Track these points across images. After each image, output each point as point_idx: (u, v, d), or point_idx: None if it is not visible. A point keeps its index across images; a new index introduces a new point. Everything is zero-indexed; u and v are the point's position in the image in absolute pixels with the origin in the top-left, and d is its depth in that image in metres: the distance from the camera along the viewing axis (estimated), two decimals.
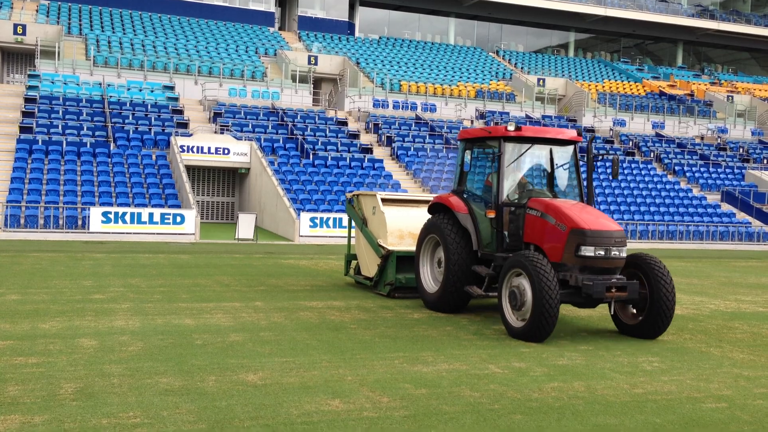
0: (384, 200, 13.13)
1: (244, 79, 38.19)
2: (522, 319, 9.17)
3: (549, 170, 10.95)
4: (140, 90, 34.86)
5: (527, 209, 9.92)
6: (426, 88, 42.01)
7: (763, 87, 55.10)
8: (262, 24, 47.01)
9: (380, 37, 50.81)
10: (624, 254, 9.43)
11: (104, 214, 23.57)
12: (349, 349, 8.33)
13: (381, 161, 32.10)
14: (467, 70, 47.29)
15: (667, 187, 36.34)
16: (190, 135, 30.69)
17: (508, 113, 41.69)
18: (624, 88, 49.89)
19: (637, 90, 50.13)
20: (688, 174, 38.45)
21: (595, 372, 7.74)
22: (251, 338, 8.74)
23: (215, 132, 31.94)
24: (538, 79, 46.54)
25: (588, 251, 9.18)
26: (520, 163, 10.57)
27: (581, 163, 11.02)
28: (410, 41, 51.44)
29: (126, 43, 39.03)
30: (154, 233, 23.80)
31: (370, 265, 13.13)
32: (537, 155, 10.80)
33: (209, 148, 29.46)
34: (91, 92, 33.56)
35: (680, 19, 55.23)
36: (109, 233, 23.40)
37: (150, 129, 30.79)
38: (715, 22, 56.07)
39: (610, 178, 33.77)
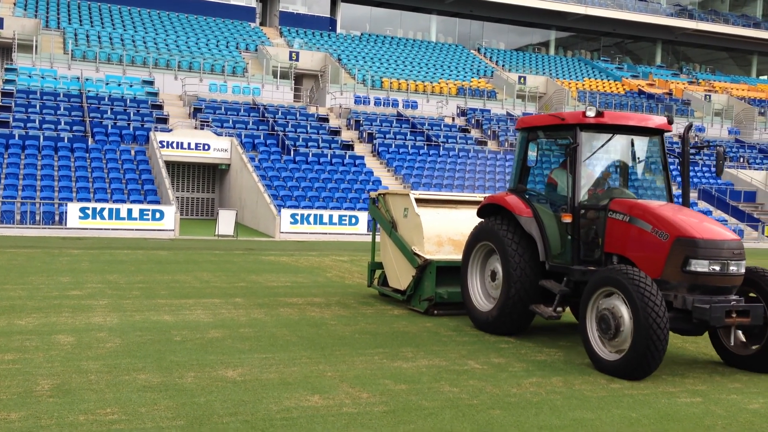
0: (417, 200, 11.31)
1: (225, 74, 37.98)
2: (617, 350, 7.48)
3: (631, 165, 9.24)
4: (119, 85, 34.54)
5: (609, 212, 8.21)
6: (407, 85, 42.03)
7: (740, 86, 55.75)
8: (243, 19, 46.76)
9: (362, 34, 50.75)
10: (743, 270, 7.65)
11: (82, 209, 23.34)
12: (329, 345, 8.33)
13: (362, 158, 32.08)
14: (449, 67, 47.37)
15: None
16: (170, 130, 30.47)
17: (489, 110, 41.83)
18: (604, 87, 50.25)
19: (617, 88, 50.52)
20: None
21: (573, 367, 7.80)
22: (231, 334, 8.71)
23: (195, 128, 31.74)
24: (519, 77, 46.74)
25: (700, 266, 7.40)
26: (598, 157, 8.86)
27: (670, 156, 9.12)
28: (392, 38, 51.43)
29: (105, 37, 38.65)
30: (132, 229, 23.62)
31: (400, 276, 11.32)
32: (617, 147, 9.01)
33: (189, 144, 29.27)
34: (69, 87, 33.20)
35: (659, 19, 55.70)
36: (86, 229, 23.17)
37: (129, 124, 30.53)
38: (694, 21, 56.61)
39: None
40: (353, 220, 26.47)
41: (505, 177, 32.78)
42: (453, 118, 39.96)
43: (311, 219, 25.89)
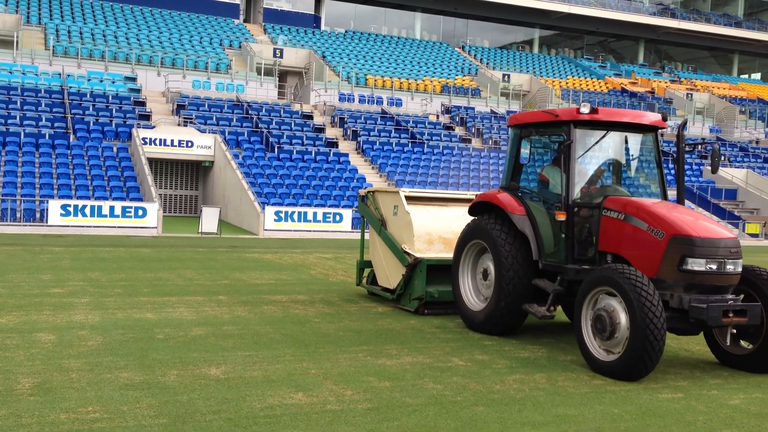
0: (407, 198, 11.19)
1: (208, 71, 37.77)
2: (614, 351, 7.35)
3: (625, 162, 9.09)
4: (101, 81, 34.25)
5: (603, 210, 8.08)
6: (392, 82, 42.01)
7: (721, 85, 56.25)
8: (226, 15, 46.52)
9: (346, 31, 50.67)
10: (740, 269, 7.56)
11: (63, 207, 23.13)
12: (313, 343, 8.31)
13: (347, 155, 32.04)
14: (433, 64, 47.42)
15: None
16: (153, 127, 30.27)
17: (473, 108, 41.92)
18: (587, 85, 50.52)
19: (600, 87, 50.80)
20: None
21: (557, 364, 7.84)
22: (214, 332, 8.67)
23: (178, 124, 31.54)
24: (503, 75, 46.87)
25: (697, 265, 7.29)
26: (592, 154, 8.72)
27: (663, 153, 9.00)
28: (376, 35, 51.38)
29: (86, 33, 38.30)
30: (114, 227, 23.43)
31: (390, 275, 11.19)
32: (611, 144, 8.87)
33: (172, 141, 29.08)
34: (51, 83, 32.88)
35: (642, 18, 56.07)
36: (68, 226, 22.96)
37: (111, 121, 30.28)
38: (676, 20, 57.04)
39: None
40: (337, 218, 26.43)
41: (489, 174, 32.88)
42: (437, 116, 40.01)
43: (295, 216, 25.81)
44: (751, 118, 50.01)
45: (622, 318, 7.17)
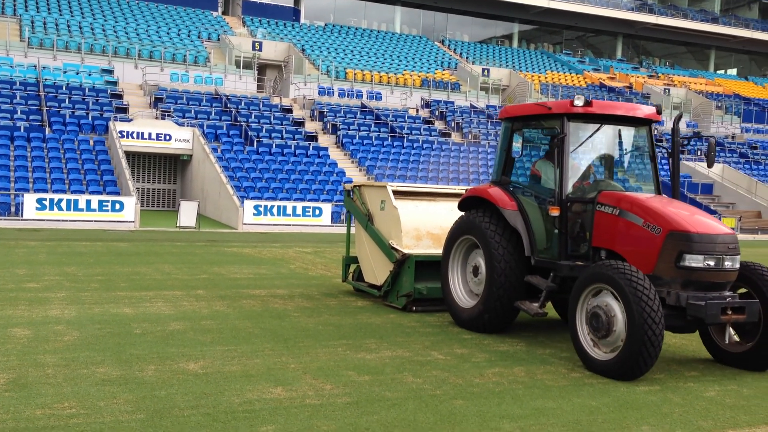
0: (395, 192, 10.97)
1: (187, 63, 37.45)
2: (610, 349, 7.18)
3: (618, 156, 8.94)
4: (77, 73, 33.82)
5: (597, 205, 7.89)
6: (372, 76, 41.94)
7: (698, 80, 56.82)
8: (204, 8, 46.13)
9: (326, 24, 50.47)
10: (738, 265, 7.42)
11: (39, 200, 22.85)
12: (292, 337, 8.29)
13: (326, 149, 31.96)
14: (413, 58, 47.39)
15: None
16: (130, 120, 29.97)
17: (453, 102, 41.98)
18: (566, 80, 50.79)
19: (579, 82, 51.09)
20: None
21: (535, 357, 7.89)
22: (192, 327, 8.61)
23: (156, 118, 31.26)
24: (483, 69, 46.98)
25: (694, 261, 7.13)
26: (586, 148, 8.54)
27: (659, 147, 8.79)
28: (356, 29, 51.24)
29: (62, 25, 37.79)
30: (91, 221, 23.20)
31: (377, 271, 10.96)
32: (604, 137, 8.69)
33: (150, 134, 28.82)
34: (26, 75, 32.41)
35: (620, 13, 56.43)
36: (44, 220, 22.70)
37: (87, 113, 29.94)
38: (654, 16, 57.48)
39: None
40: (317, 212, 26.37)
41: (468, 169, 32.96)
42: (417, 110, 40.02)
43: (274, 210, 25.72)
44: (727, 114, 50.59)
45: (619, 316, 7.00)
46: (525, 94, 45.61)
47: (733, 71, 66.15)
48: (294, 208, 26.05)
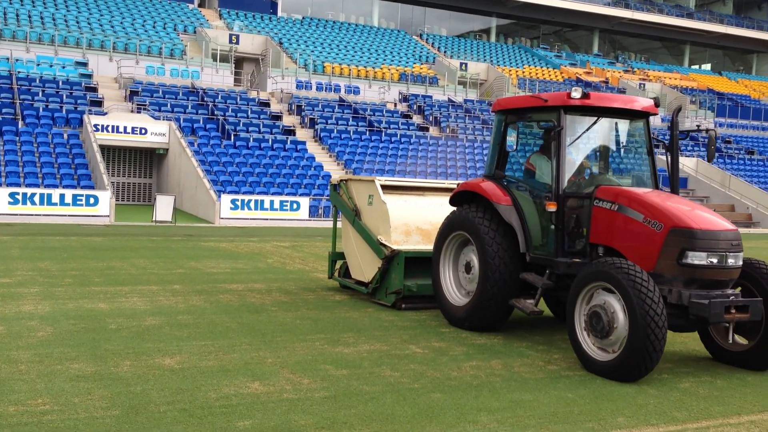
0: (383, 187, 10.68)
1: (162, 56, 37.06)
2: (611, 350, 6.97)
3: (615, 149, 8.75)
4: (51, 66, 33.34)
5: (595, 200, 7.68)
6: (350, 70, 41.82)
7: (673, 75, 57.39)
8: (181, 0, 45.66)
9: (303, 18, 50.20)
10: (741, 262, 7.22)
11: (11, 195, 22.51)
12: (270, 332, 8.25)
13: (304, 143, 31.83)
14: (391, 52, 47.32)
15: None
16: (105, 114, 29.62)
17: (431, 96, 42.00)
18: (543, 74, 51.02)
19: (556, 76, 51.36)
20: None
21: (513, 350, 7.93)
22: (168, 322, 8.54)
23: (131, 111, 30.91)
24: (461, 64, 47.03)
25: (697, 258, 6.92)
26: (582, 141, 8.32)
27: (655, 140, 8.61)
28: (334, 22, 51.03)
29: (35, 16, 37.20)
30: (65, 215, 22.91)
31: (364, 267, 10.70)
32: (600, 130, 8.47)
33: (125, 128, 28.50)
34: None
35: (596, 8, 56.77)
36: (16, 215, 22.37)
37: (61, 107, 29.53)
38: (630, 11, 57.90)
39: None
40: (294, 206, 26.28)
41: (446, 163, 33.02)
42: (395, 104, 39.98)
43: (252, 205, 25.58)
44: (701, 108, 51.15)
45: (620, 315, 6.78)
46: (502, 89, 45.75)
47: (708, 66, 66.89)
48: (272, 202, 25.93)
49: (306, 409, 5.67)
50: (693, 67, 65.31)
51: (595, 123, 8.20)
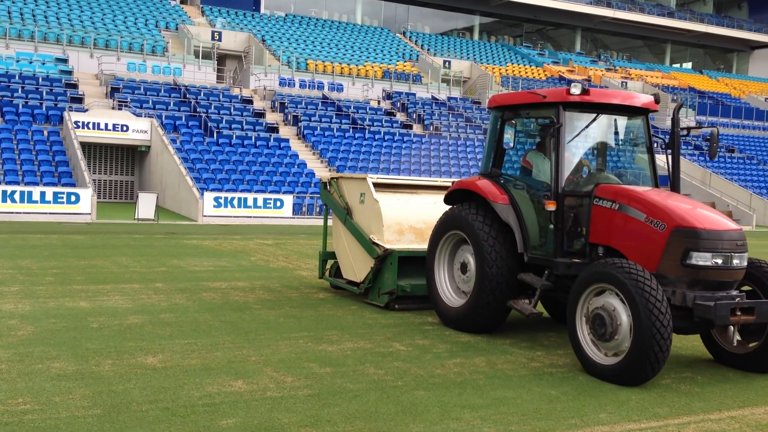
0: (375, 185, 10.46)
1: (144, 53, 36.78)
2: (614, 353, 6.78)
3: (614, 147, 8.57)
4: (30, 62, 32.98)
5: (595, 199, 7.48)
6: (333, 67, 41.73)
7: (654, 74, 57.81)
8: None
9: (286, 15, 50.02)
10: (746, 263, 7.04)
11: None
12: (253, 330, 8.22)
13: (287, 141, 31.73)
14: (374, 50, 47.29)
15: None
16: (86, 110, 29.36)
17: (414, 94, 42.02)
18: (526, 72, 51.21)
19: (539, 74, 51.57)
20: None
21: (496, 347, 7.95)
22: (151, 320, 8.48)
23: (113, 108, 30.66)
24: (444, 61, 47.10)
25: (702, 259, 6.73)
26: (581, 138, 8.09)
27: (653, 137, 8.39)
28: (317, 20, 50.90)
29: (15, 12, 36.78)
30: (46, 213, 22.69)
31: (356, 267, 10.48)
32: (599, 127, 8.25)
33: (106, 125, 28.27)
34: None
35: (579, 6, 57.06)
36: None
37: (41, 103, 29.24)
38: (611, 10, 58.25)
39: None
40: (278, 204, 26.20)
41: (430, 161, 33.05)
42: (378, 102, 39.97)
43: (235, 202, 25.48)
44: (682, 107, 51.58)
45: (624, 318, 6.59)
46: (486, 87, 45.88)
47: (689, 65, 67.48)
48: (255, 200, 25.84)
49: (289, 407, 5.66)
50: (674, 65, 65.86)
51: (594, 120, 8.00)
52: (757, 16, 65.48)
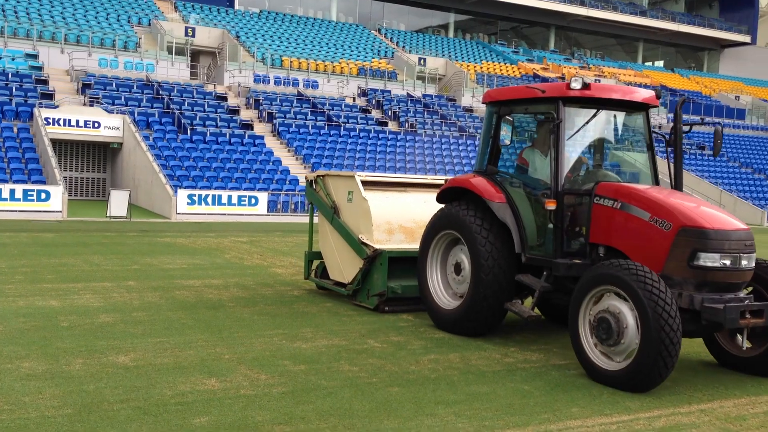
0: (363, 183, 10.12)
1: (116, 49, 36.34)
2: (619, 358, 6.53)
3: (613, 143, 8.37)
4: (0, 58, 32.42)
5: (595, 197, 7.25)
6: (308, 64, 41.58)
7: (627, 72, 58.40)
8: None
9: (261, 11, 49.71)
10: (753, 264, 6.81)
11: None
12: (227, 328, 8.17)
13: (262, 138, 31.56)
14: (349, 47, 47.19)
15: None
16: (56, 107, 28.94)
17: (389, 91, 42.02)
18: (501, 70, 51.45)
19: (513, 72, 51.84)
20: None
21: (470, 343, 7.98)
22: (123, 319, 8.39)
23: (84, 104, 30.26)
24: (419, 59, 47.13)
25: (710, 260, 6.50)
26: (581, 135, 7.84)
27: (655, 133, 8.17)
28: (292, 16, 50.66)
29: None
30: (15, 210, 22.33)
31: (344, 268, 10.18)
32: (599, 123, 7.97)
33: (77, 121, 27.90)
34: None
35: (552, 4, 57.42)
36: None
37: (11, 100, 28.76)
38: (585, 8, 58.70)
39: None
40: (253, 201, 26.06)
41: (405, 158, 33.09)
42: (354, 99, 39.90)
43: (209, 200, 25.29)
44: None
45: (630, 321, 6.34)
46: (461, 84, 46.00)
47: (661, 63, 68.26)
48: (229, 197, 25.68)
49: (263, 404, 5.63)
50: (646, 63, 66.58)
51: (595, 115, 7.74)
52: (728, 15, 66.41)
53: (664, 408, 6.07)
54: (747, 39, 65.16)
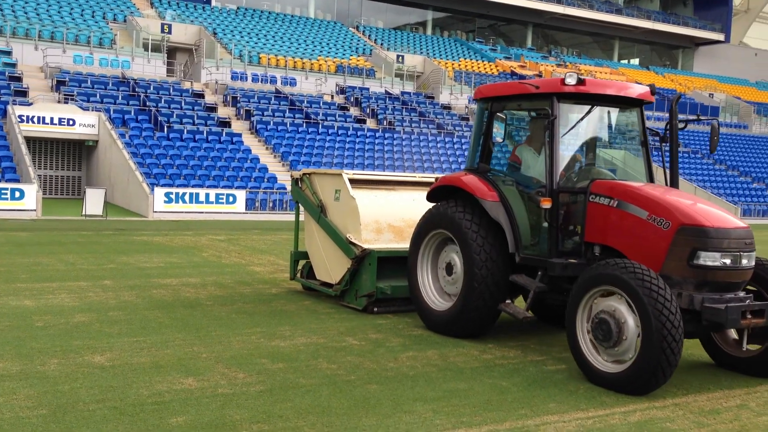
0: (351, 181, 9.91)
1: (91, 45, 35.92)
2: (619, 360, 6.41)
3: (607, 140, 8.23)
4: None
5: (591, 195, 7.12)
6: (286, 61, 41.41)
7: (603, 69, 58.87)
8: None
9: (238, 8, 49.41)
10: (753, 262, 6.71)
11: None
12: (205, 326, 8.13)
13: (240, 135, 31.39)
14: (327, 44, 47.08)
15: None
16: (30, 104, 28.56)
17: (368, 89, 41.98)
18: (479, 67, 51.62)
19: (491, 69, 52.03)
20: None
21: (449, 340, 8.01)
22: (99, 318, 8.31)
23: (59, 101, 29.88)
24: (398, 56, 47.14)
25: (710, 259, 6.38)
26: (576, 131, 7.70)
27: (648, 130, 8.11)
28: (269, 13, 50.41)
29: None
30: None
31: (331, 268, 9.97)
32: (593, 119, 7.86)
33: (52, 119, 27.55)
34: None
35: (530, 2, 57.67)
36: None
37: None
38: (562, 6, 59.04)
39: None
40: (230, 199, 25.92)
41: (384, 155, 33.09)
42: (332, 96, 39.81)
43: (186, 198, 25.11)
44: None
45: (630, 322, 6.22)
46: (439, 81, 46.09)
47: (636, 61, 68.89)
48: (207, 195, 25.51)
49: (241, 403, 5.61)
50: (622, 61, 67.15)
51: (590, 111, 7.62)
52: (702, 13, 67.15)
53: (640, 402, 6.14)
54: (721, 37, 65.97)
